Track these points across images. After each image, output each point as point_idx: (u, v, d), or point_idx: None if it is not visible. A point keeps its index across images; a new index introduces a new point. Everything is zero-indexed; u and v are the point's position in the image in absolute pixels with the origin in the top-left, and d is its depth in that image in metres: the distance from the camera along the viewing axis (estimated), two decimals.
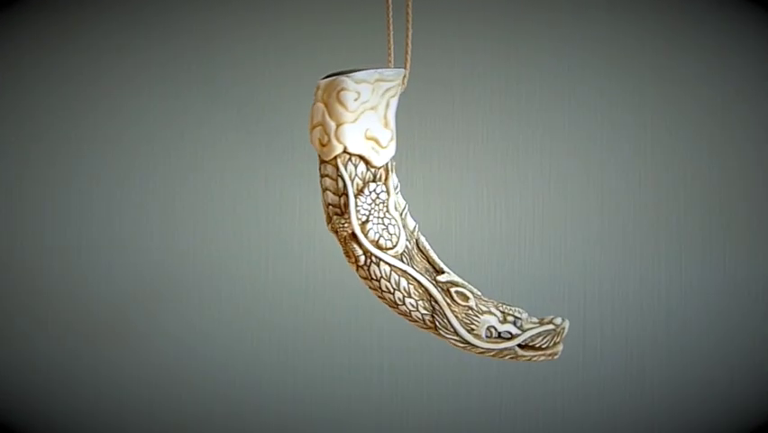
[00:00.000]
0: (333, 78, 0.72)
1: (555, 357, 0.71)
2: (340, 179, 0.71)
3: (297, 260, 1.04)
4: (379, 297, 0.71)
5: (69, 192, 1.05)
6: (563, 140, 1.02)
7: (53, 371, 1.06)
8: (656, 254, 1.02)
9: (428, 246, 0.72)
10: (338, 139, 0.71)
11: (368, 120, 0.71)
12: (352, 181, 0.70)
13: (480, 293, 0.72)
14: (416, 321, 0.71)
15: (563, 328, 0.72)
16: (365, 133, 0.71)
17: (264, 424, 1.06)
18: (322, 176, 0.72)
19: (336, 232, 0.70)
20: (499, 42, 1.02)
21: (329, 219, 0.71)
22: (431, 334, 0.72)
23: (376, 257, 0.70)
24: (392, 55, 0.78)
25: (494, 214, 1.03)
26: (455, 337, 0.71)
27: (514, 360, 0.72)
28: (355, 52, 1.02)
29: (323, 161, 0.72)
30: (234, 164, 1.04)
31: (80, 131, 1.05)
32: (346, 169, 0.70)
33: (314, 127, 0.72)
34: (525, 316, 0.72)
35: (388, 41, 0.78)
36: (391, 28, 0.77)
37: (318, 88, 0.73)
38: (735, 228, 1.01)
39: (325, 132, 0.71)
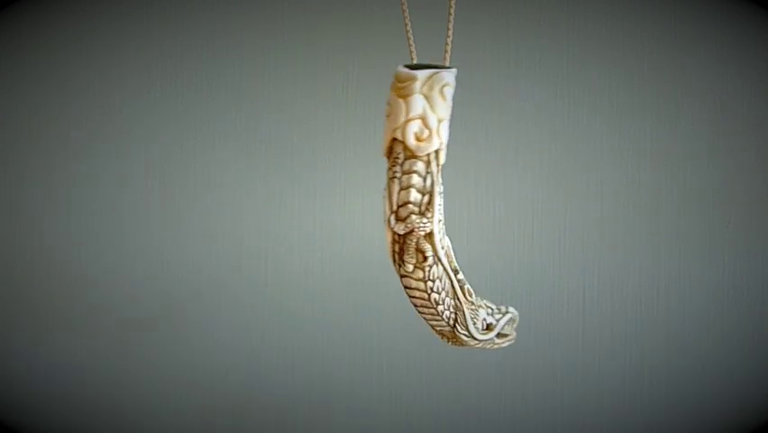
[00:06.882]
0: (435, 71, 0.69)
1: (513, 342, 0.75)
2: (429, 177, 0.70)
3: (297, 260, 1.04)
4: (423, 298, 0.70)
5: (69, 193, 1.05)
6: (563, 140, 1.02)
7: (53, 372, 1.06)
8: (656, 254, 1.02)
9: (450, 246, 0.72)
10: (439, 135, 0.69)
11: (449, 117, 0.70)
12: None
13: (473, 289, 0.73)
14: (442, 320, 0.71)
15: (516, 316, 0.74)
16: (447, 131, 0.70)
17: (264, 423, 1.06)
18: (407, 172, 0.69)
19: (411, 231, 0.69)
20: (499, 42, 1.02)
21: (400, 218, 0.69)
22: (434, 332, 0.72)
23: (438, 257, 0.70)
24: (415, 53, 0.77)
25: (494, 214, 1.03)
26: (465, 333, 0.71)
27: (491, 348, 0.74)
28: (354, 54, 1.03)
29: (411, 157, 0.69)
30: (234, 164, 1.05)
31: (80, 132, 1.05)
32: (434, 166, 0.69)
33: (409, 120, 0.68)
34: (494, 307, 0.74)
35: (408, 40, 0.76)
36: (409, 26, 0.76)
37: (415, 80, 0.69)
38: (734, 228, 1.01)
39: (426, 126, 0.68)
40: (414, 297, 0.70)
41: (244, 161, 1.04)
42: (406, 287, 0.70)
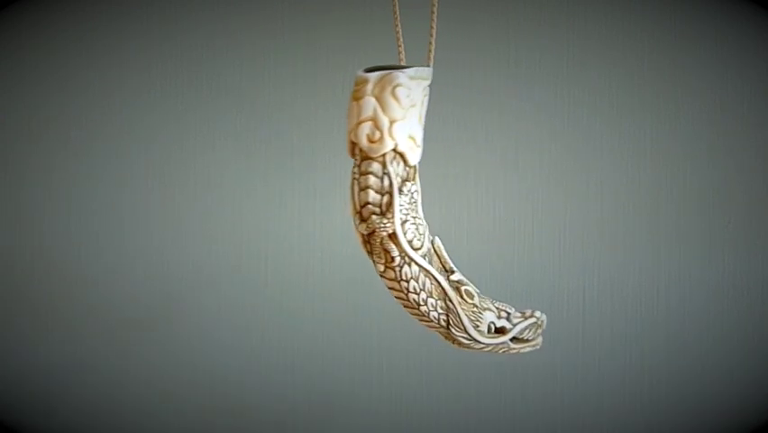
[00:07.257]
0: (386, 72, 0.70)
1: (538, 347, 0.73)
2: (386, 177, 0.70)
3: (296, 261, 1.04)
4: (402, 298, 0.71)
5: (69, 193, 1.05)
6: (563, 140, 1.02)
7: (53, 372, 1.06)
8: (656, 254, 1.02)
9: (442, 247, 0.72)
10: (391, 136, 0.69)
11: (411, 117, 0.70)
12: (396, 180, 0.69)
13: (478, 291, 0.72)
14: (432, 321, 0.71)
15: (543, 321, 0.73)
16: (408, 131, 0.70)
17: (265, 423, 1.06)
18: (363, 174, 0.70)
19: (373, 232, 0.69)
20: (499, 42, 1.02)
21: (363, 219, 0.70)
22: (436, 333, 0.71)
23: (409, 257, 0.70)
24: (403, 53, 0.77)
25: (494, 214, 1.03)
26: (464, 335, 0.71)
27: (505, 353, 0.73)
28: (354, 54, 1.02)
29: (366, 159, 0.70)
30: (234, 164, 1.04)
31: (80, 132, 1.05)
32: (391, 167, 0.69)
33: (361, 122, 0.69)
34: (512, 311, 0.73)
35: (398, 39, 0.77)
36: (399, 26, 0.76)
37: (367, 82, 0.70)
38: (734, 228, 1.01)
39: (377, 127, 0.69)
40: (396, 297, 0.70)
41: (244, 161, 1.04)
42: (387, 287, 0.70)
